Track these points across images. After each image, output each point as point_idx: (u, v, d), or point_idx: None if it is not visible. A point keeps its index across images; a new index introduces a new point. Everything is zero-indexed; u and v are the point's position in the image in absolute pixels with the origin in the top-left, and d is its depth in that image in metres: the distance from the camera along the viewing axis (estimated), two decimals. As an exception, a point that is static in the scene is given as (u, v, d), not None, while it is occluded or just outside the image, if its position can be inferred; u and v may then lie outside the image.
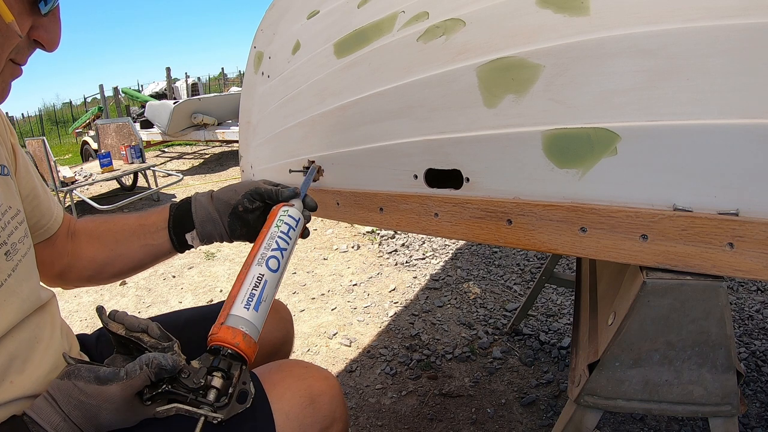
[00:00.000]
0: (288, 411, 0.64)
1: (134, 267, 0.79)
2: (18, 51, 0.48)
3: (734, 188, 0.52)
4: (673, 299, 0.57)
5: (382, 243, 2.85)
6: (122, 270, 0.78)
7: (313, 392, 0.67)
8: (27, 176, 0.67)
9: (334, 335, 1.95)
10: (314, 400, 0.67)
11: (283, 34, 1.12)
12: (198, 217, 0.77)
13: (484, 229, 0.69)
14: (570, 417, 0.70)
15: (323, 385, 0.69)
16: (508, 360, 1.69)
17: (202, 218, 0.77)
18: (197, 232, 0.77)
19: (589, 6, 0.61)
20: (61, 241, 0.74)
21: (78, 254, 0.75)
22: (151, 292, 2.53)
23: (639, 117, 0.55)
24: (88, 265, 0.76)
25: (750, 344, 1.68)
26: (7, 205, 0.59)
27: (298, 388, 0.67)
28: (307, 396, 0.67)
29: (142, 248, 0.77)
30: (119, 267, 0.77)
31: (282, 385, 0.67)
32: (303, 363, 0.73)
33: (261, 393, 0.65)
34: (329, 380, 0.71)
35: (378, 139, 0.80)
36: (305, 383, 0.68)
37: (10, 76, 0.50)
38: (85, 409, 0.52)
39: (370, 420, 1.47)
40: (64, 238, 0.75)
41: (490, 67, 0.66)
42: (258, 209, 0.77)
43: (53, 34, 0.50)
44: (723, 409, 0.63)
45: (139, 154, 4.43)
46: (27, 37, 0.48)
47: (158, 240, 0.77)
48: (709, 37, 0.52)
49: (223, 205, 0.77)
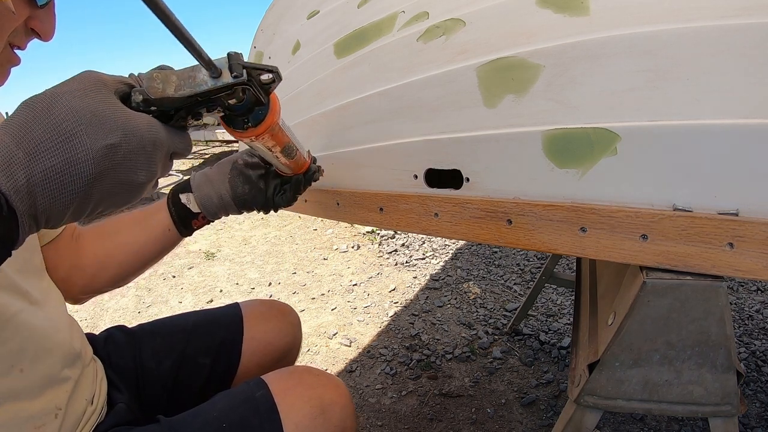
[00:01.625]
0: (298, 421, 0.63)
1: (137, 257, 0.74)
2: (16, 35, 0.51)
3: (734, 188, 0.52)
4: (673, 299, 0.57)
5: (382, 243, 2.85)
6: (125, 262, 0.74)
7: (323, 402, 0.66)
8: None
9: (334, 335, 1.95)
10: (325, 410, 0.65)
11: (283, 34, 1.12)
12: (195, 181, 0.73)
13: (484, 229, 0.69)
14: (570, 417, 0.70)
15: (334, 394, 0.68)
16: (508, 360, 1.69)
17: (198, 182, 0.73)
18: (194, 195, 0.72)
19: (589, 6, 0.61)
20: (65, 243, 0.73)
21: (81, 252, 0.74)
22: (151, 292, 2.53)
23: (639, 117, 0.55)
24: (90, 263, 0.74)
25: (750, 344, 1.68)
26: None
27: (308, 398, 0.65)
28: (317, 406, 0.65)
29: (143, 231, 0.73)
30: (120, 258, 0.74)
31: (292, 394, 0.65)
32: (314, 371, 0.72)
33: (270, 401, 0.64)
34: (340, 389, 0.69)
35: (378, 139, 0.80)
36: (316, 392, 0.66)
37: (9, 62, 0.52)
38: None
39: (370, 420, 1.47)
40: (68, 240, 0.74)
41: (490, 67, 0.66)
42: (258, 165, 0.73)
43: (48, 24, 0.52)
44: (723, 409, 0.63)
45: (139, 154, 4.43)
46: (24, 25, 0.51)
47: (157, 218, 0.73)
48: (709, 37, 0.52)
49: (222, 165, 0.73)
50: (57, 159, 0.33)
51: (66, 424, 0.59)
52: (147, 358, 0.81)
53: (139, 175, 0.37)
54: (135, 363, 0.80)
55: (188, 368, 0.82)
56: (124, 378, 0.77)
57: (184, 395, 0.82)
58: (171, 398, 0.81)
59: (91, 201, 0.35)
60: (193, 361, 0.82)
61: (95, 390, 0.68)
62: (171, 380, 0.81)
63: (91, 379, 0.67)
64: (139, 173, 0.37)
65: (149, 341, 0.83)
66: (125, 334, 0.83)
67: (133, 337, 0.83)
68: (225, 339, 0.85)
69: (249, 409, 0.63)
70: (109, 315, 2.29)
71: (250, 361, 0.86)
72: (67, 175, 0.33)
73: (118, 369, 0.78)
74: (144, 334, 0.84)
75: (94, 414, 0.65)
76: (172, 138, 0.40)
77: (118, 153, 0.34)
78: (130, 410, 0.71)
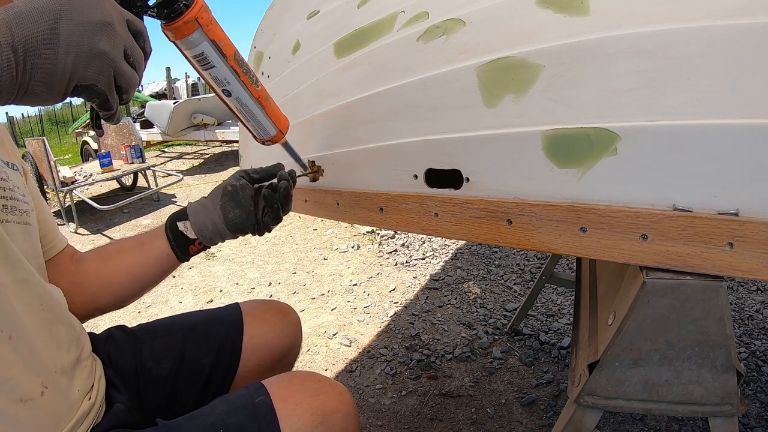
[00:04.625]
0: (297, 428, 0.61)
1: (137, 279, 0.78)
2: None
3: (734, 188, 0.52)
4: (673, 299, 0.57)
5: (382, 243, 2.85)
6: (125, 283, 0.78)
7: (325, 410, 0.64)
8: (35, 191, 0.72)
9: (334, 335, 1.95)
10: (326, 419, 0.63)
11: (283, 34, 1.12)
12: (191, 209, 0.78)
13: (484, 229, 0.69)
14: (570, 417, 0.70)
15: (337, 402, 0.65)
16: (508, 360, 1.69)
17: (194, 209, 0.78)
18: (190, 222, 0.77)
19: (589, 6, 0.61)
20: (64, 262, 0.76)
21: (83, 272, 0.77)
22: (151, 292, 2.53)
23: (639, 117, 0.55)
24: (91, 281, 0.76)
25: (750, 344, 1.68)
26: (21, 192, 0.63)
27: (309, 405, 0.64)
28: (319, 414, 0.63)
29: (142, 254, 0.78)
30: (121, 279, 0.77)
31: (293, 401, 0.64)
32: (317, 376, 0.70)
33: (270, 408, 0.63)
34: (343, 396, 0.67)
35: (378, 139, 0.80)
36: (317, 399, 0.65)
37: None
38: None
39: (370, 420, 1.47)
40: (67, 261, 0.76)
41: (490, 67, 0.66)
42: (246, 187, 0.77)
43: None
44: (723, 409, 0.63)
45: (139, 154, 4.43)
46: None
47: (156, 243, 0.78)
48: (709, 37, 0.52)
49: (214, 193, 0.78)
50: (28, 6, 0.41)
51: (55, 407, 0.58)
52: (147, 357, 0.81)
53: (95, 14, 0.44)
54: (135, 363, 0.80)
55: (188, 368, 0.82)
56: (124, 378, 0.77)
57: (184, 395, 0.82)
58: (170, 398, 0.81)
59: (61, 41, 0.42)
60: (193, 361, 0.82)
61: (93, 384, 0.67)
62: (171, 380, 0.81)
63: (88, 372, 0.67)
64: (95, 11, 0.44)
65: (149, 341, 0.83)
66: (125, 334, 0.84)
67: (133, 337, 0.83)
68: (225, 339, 0.85)
69: (247, 416, 0.62)
70: (109, 315, 2.29)
71: (250, 361, 0.85)
72: (35, 12, 0.41)
73: (118, 368, 0.78)
74: (144, 334, 0.84)
75: (92, 411, 0.65)
76: (123, 8, 0.48)
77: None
78: (128, 411, 0.70)
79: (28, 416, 0.55)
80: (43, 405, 0.57)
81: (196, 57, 0.62)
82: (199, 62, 0.62)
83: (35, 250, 0.66)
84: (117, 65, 0.46)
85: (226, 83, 0.66)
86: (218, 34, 0.61)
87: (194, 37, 0.59)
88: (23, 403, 0.54)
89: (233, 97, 0.68)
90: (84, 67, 0.43)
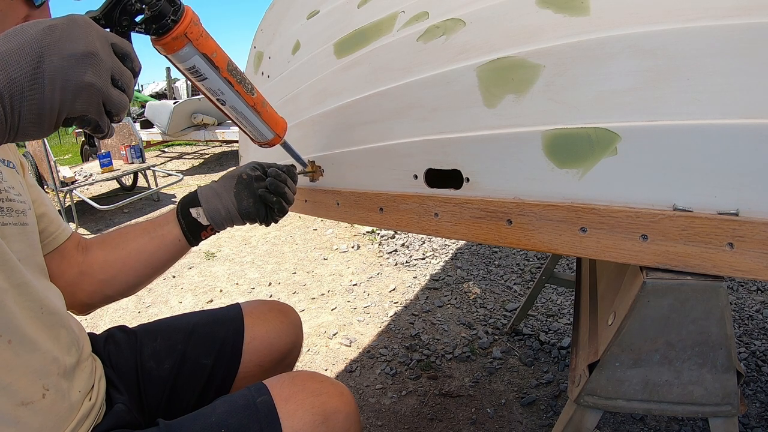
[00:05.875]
0: (299, 429, 0.62)
1: (148, 265, 0.77)
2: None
3: (734, 188, 0.52)
4: (673, 299, 0.57)
5: (382, 243, 2.85)
6: (136, 269, 0.77)
7: (326, 410, 0.64)
8: (33, 186, 0.72)
9: (334, 335, 1.95)
10: (328, 419, 0.63)
11: (283, 34, 1.12)
12: (203, 195, 0.78)
13: (484, 229, 0.69)
14: (570, 417, 0.70)
15: (338, 402, 0.66)
16: (508, 360, 1.69)
17: (206, 195, 0.78)
18: (203, 208, 0.77)
19: (589, 6, 0.61)
20: (69, 252, 0.75)
21: (90, 262, 0.76)
22: (151, 292, 2.53)
23: (639, 117, 0.55)
24: (100, 269, 0.75)
25: (750, 344, 1.68)
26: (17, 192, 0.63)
27: (311, 405, 0.64)
28: (320, 414, 0.63)
29: (152, 240, 0.77)
30: (132, 266, 0.76)
31: (294, 401, 0.64)
32: (318, 377, 0.70)
33: (271, 408, 0.63)
34: (344, 396, 0.67)
35: (378, 139, 0.80)
36: (319, 400, 0.65)
37: None
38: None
39: (370, 420, 1.47)
40: (73, 250, 0.76)
41: (490, 67, 0.66)
42: (260, 179, 0.78)
43: None
44: (723, 409, 0.63)
45: (139, 154, 4.42)
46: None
47: (167, 228, 0.78)
48: (709, 37, 0.52)
49: (227, 179, 0.78)
50: (9, 46, 0.41)
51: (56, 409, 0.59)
52: (147, 358, 0.81)
53: (78, 45, 0.43)
54: (135, 363, 0.80)
55: (189, 369, 0.82)
56: (124, 378, 0.77)
57: (184, 396, 0.82)
58: (171, 399, 0.81)
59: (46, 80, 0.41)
60: (194, 361, 0.82)
61: (93, 384, 0.67)
62: (171, 381, 0.81)
63: (88, 373, 0.67)
64: (78, 42, 0.43)
65: (150, 341, 0.83)
66: (126, 334, 0.84)
67: (133, 337, 0.83)
68: (226, 339, 0.85)
69: (249, 416, 0.62)
70: (109, 315, 2.29)
71: (250, 361, 0.85)
72: (18, 53, 0.40)
73: (119, 369, 0.78)
74: (145, 335, 0.84)
75: (93, 411, 0.65)
76: (107, 32, 0.47)
77: (55, 31, 0.42)
78: (128, 411, 0.70)
79: (30, 419, 0.55)
80: (45, 407, 0.57)
81: (189, 70, 0.61)
82: (192, 74, 0.62)
83: (33, 249, 0.66)
84: (105, 93, 0.45)
85: (220, 93, 0.65)
86: (209, 46, 0.60)
87: (185, 51, 0.58)
88: (25, 406, 0.55)
89: (228, 105, 0.68)
90: (72, 101, 0.42)
